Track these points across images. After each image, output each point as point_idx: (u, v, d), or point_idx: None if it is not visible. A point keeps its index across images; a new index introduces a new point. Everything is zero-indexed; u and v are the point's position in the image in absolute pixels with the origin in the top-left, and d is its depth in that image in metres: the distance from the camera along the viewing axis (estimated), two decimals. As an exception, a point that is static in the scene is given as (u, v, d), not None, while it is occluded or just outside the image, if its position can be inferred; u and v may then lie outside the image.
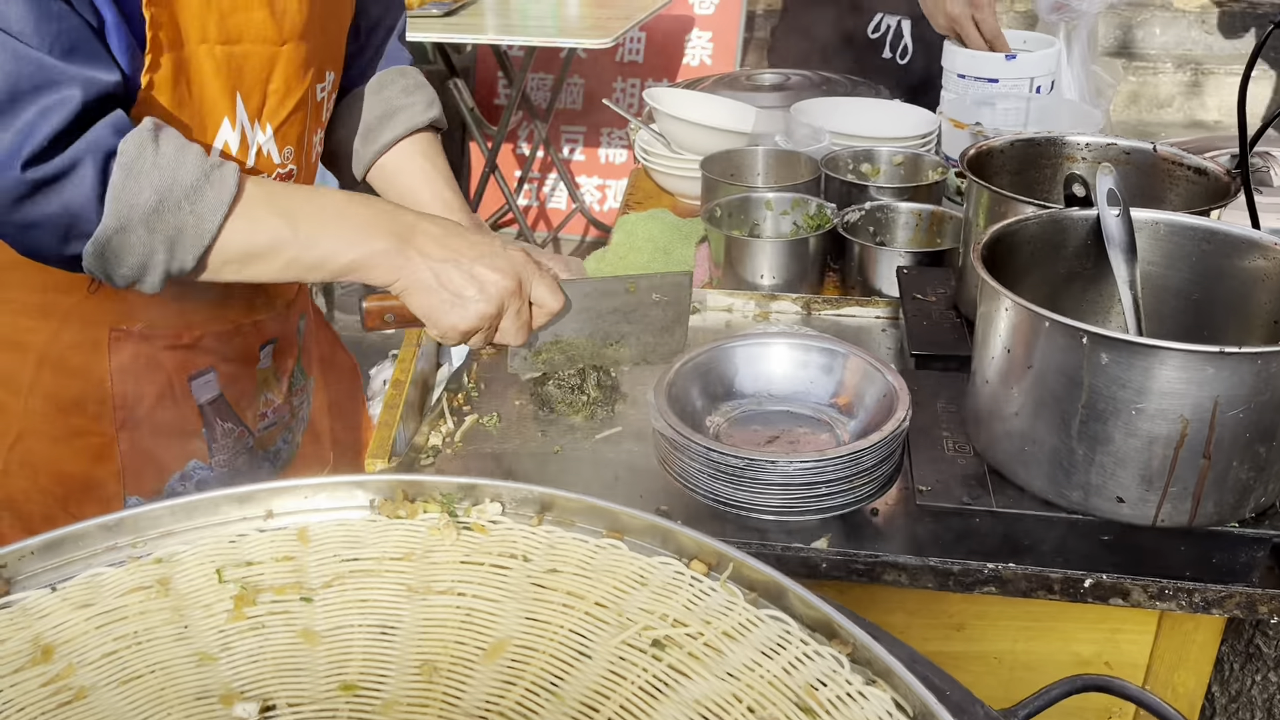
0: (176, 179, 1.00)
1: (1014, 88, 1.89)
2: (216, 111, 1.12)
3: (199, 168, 1.01)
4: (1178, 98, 5.24)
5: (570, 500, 0.83)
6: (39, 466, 1.22)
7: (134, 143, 0.99)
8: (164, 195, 0.99)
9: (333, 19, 1.25)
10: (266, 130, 1.18)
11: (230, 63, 1.11)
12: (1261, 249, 1.04)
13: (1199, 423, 0.88)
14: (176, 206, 1.00)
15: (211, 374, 1.27)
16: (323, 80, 1.25)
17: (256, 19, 1.11)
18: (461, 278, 1.08)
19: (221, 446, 1.29)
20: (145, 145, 0.99)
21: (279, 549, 0.80)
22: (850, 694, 0.67)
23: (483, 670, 0.70)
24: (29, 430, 1.21)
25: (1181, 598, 0.99)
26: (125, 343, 1.19)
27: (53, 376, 1.19)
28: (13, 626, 0.73)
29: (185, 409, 1.25)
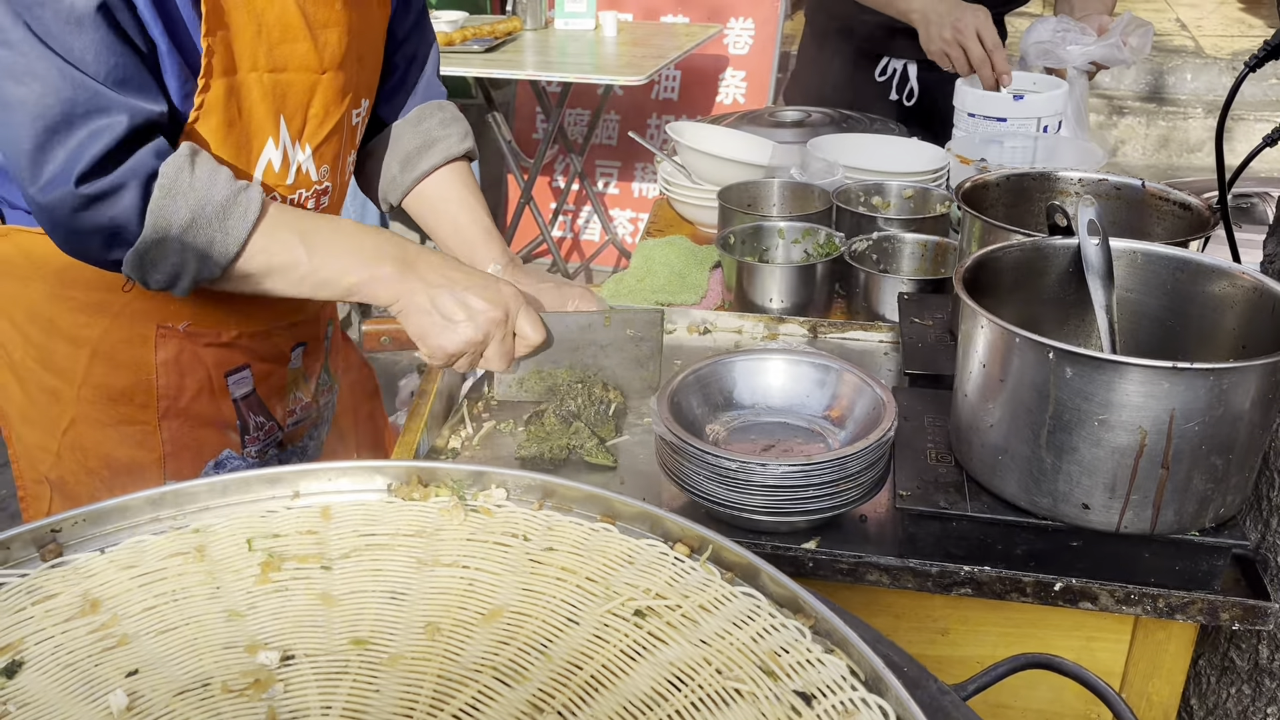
0: (209, 199, 1.12)
1: (1021, 127, 1.97)
2: (263, 132, 1.23)
3: (229, 190, 1.13)
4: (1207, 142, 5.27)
5: (569, 488, 0.91)
6: (89, 450, 1.32)
7: (173, 166, 1.11)
8: (197, 213, 1.12)
9: (369, 52, 1.36)
10: (306, 150, 1.29)
11: (276, 89, 1.22)
12: (1230, 277, 1.10)
13: (1157, 434, 0.94)
14: (208, 223, 1.12)
15: (246, 371, 1.37)
16: (358, 107, 1.36)
17: (301, 50, 1.23)
18: (453, 303, 1.19)
19: (253, 439, 1.39)
20: (183, 169, 1.12)
21: (303, 524, 0.89)
22: (809, 660, 0.74)
23: (481, 632, 0.78)
24: (81, 417, 1.31)
25: (1147, 603, 1.05)
26: (170, 339, 1.30)
27: (104, 368, 1.29)
28: (65, 583, 0.81)
29: (222, 402, 1.36)
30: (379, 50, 1.41)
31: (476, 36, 4.20)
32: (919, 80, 2.50)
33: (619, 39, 4.45)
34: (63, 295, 1.27)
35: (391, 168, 1.50)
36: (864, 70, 2.56)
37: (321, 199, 1.36)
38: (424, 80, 1.53)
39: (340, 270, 1.18)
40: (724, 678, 0.72)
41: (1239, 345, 1.09)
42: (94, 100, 1.07)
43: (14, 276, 1.29)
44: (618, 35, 4.48)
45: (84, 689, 0.72)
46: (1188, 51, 5.76)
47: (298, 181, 1.30)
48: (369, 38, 1.35)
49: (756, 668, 0.73)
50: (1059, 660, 0.79)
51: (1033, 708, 1.21)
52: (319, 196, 1.35)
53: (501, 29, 4.31)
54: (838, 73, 2.56)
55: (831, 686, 0.71)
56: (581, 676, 0.73)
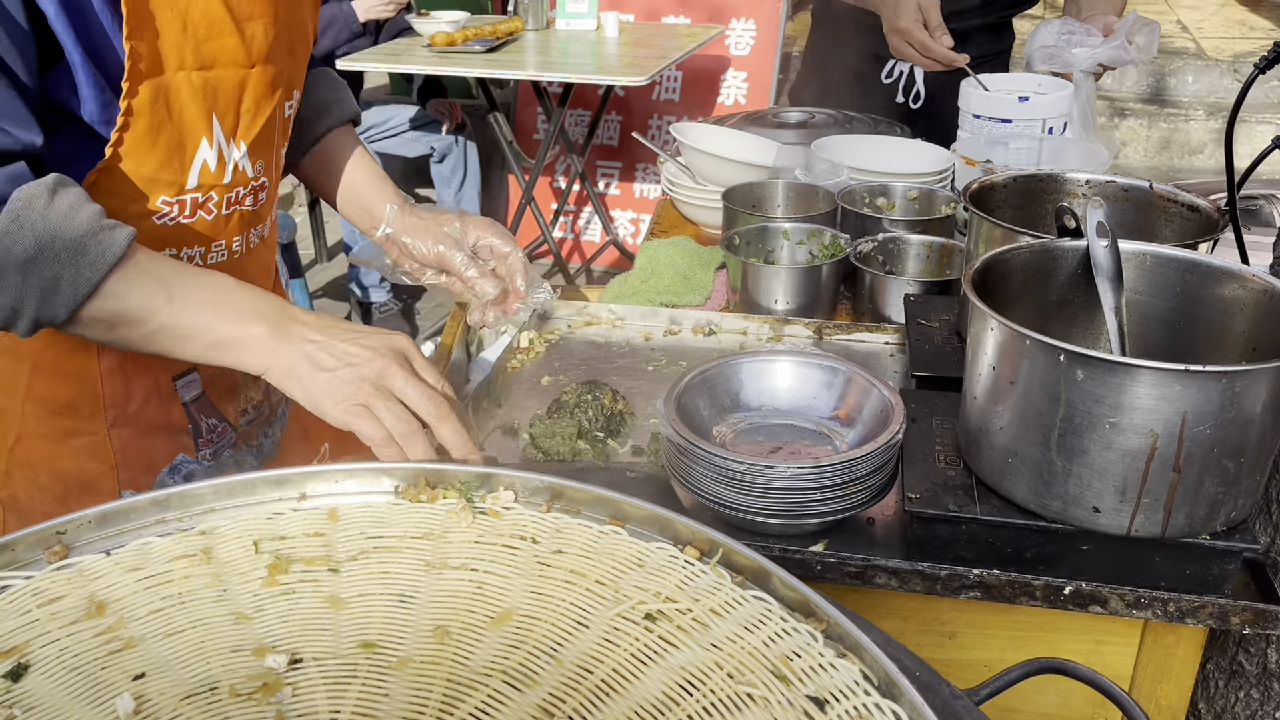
0: (61, 233, 1.03)
1: (1027, 128, 1.96)
2: (196, 132, 1.19)
3: (89, 226, 1.04)
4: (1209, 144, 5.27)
5: (578, 490, 0.90)
6: (38, 466, 1.27)
7: (26, 193, 1.03)
8: (45, 246, 1.02)
9: (299, 43, 1.33)
10: (241, 147, 1.25)
11: (206, 87, 1.18)
12: (1240, 280, 1.10)
13: (1168, 437, 0.94)
14: (55, 258, 1.03)
15: (194, 374, 1.33)
16: (290, 99, 1.34)
17: (229, 45, 1.18)
18: (332, 356, 1.08)
19: (206, 441, 1.35)
20: (37, 197, 1.03)
21: (310, 526, 0.88)
22: (822, 665, 0.73)
23: (490, 635, 0.77)
24: (27, 432, 1.26)
25: (1157, 606, 1.04)
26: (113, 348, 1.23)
27: (47, 381, 1.24)
28: (70, 585, 0.81)
29: (171, 407, 1.31)
30: (309, 41, 1.38)
31: (478, 37, 4.19)
32: (925, 83, 2.50)
33: (620, 39, 4.45)
34: None
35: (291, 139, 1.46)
36: (870, 72, 2.55)
37: (259, 194, 1.32)
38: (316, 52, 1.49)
39: (202, 326, 1.08)
40: (736, 682, 0.72)
41: (1249, 348, 1.09)
42: None
43: None
44: (619, 36, 4.48)
45: (90, 692, 0.72)
46: (1189, 54, 5.76)
47: (235, 179, 1.25)
48: (297, 28, 1.31)
49: (768, 672, 0.72)
50: (1073, 665, 0.78)
51: (1040, 711, 1.20)
52: (256, 193, 1.31)
53: (503, 29, 4.30)
54: (844, 74, 2.56)
55: (844, 691, 0.71)
56: (592, 681, 0.73)
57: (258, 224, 1.35)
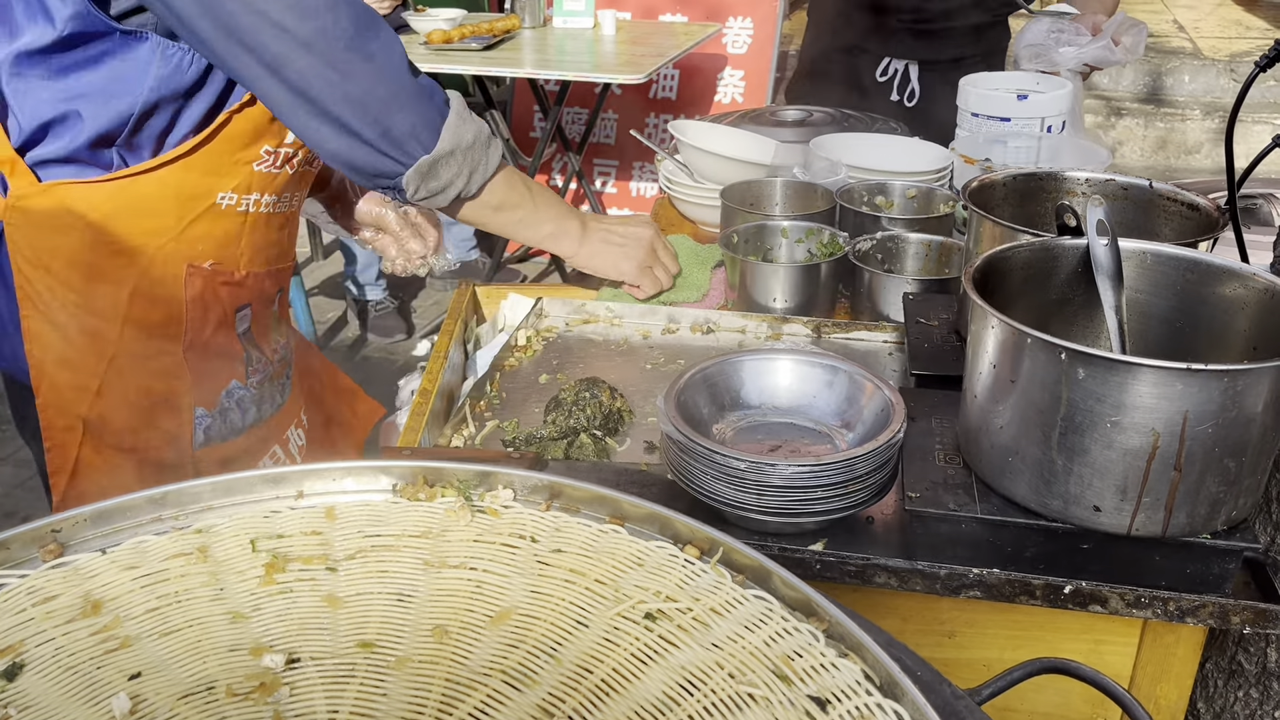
0: (481, 129, 1.39)
1: (1025, 126, 1.96)
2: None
3: (484, 129, 1.41)
4: (1205, 144, 5.27)
5: (577, 489, 0.89)
6: (129, 383, 1.41)
7: (457, 100, 1.38)
8: (477, 136, 1.38)
9: None
10: None
11: None
12: (1241, 278, 1.09)
13: (1169, 436, 0.93)
14: (482, 147, 1.39)
15: (248, 309, 1.50)
16: None
17: None
18: (619, 238, 1.65)
19: (254, 370, 1.53)
20: (457, 99, 1.38)
21: (308, 524, 0.87)
22: (823, 664, 0.73)
23: (489, 635, 0.77)
24: (121, 352, 1.40)
25: (1158, 606, 1.04)
26: (196, 277, 1.41)
27: (142, 305, 1.39)
28: (66, 584, 0.80)
29: (231, 336, 1.48)
30: None
31: (475, 34, 4.18)
32: (920, 81, 2.50)
33: (617, 38, 4.44)
34: (103, 242, 1.34)
35: None
36: (865, 70, 2.55)
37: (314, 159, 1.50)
38: None
39: (546, 218, 1.54)
40: (737, 682, 0.71)
41: (1250, 347, 1.09)
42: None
43: (54, 229, 1.35)
44: (616, 34, 4.47)
45: (86, 692, 0.71)
46: (1185, 53, 5.76)
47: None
48: None
49: (770, 672, 0.72)
50: (1076, 665, 0.78)
51: (1039, 711, 1.20)
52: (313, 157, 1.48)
53: (500, 27, 4.29)
54: (839, 73, 2.56)
55: (846, 691, 0.70)
56: (592, 680, 0.72)
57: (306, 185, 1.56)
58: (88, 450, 1.41)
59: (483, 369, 1.58)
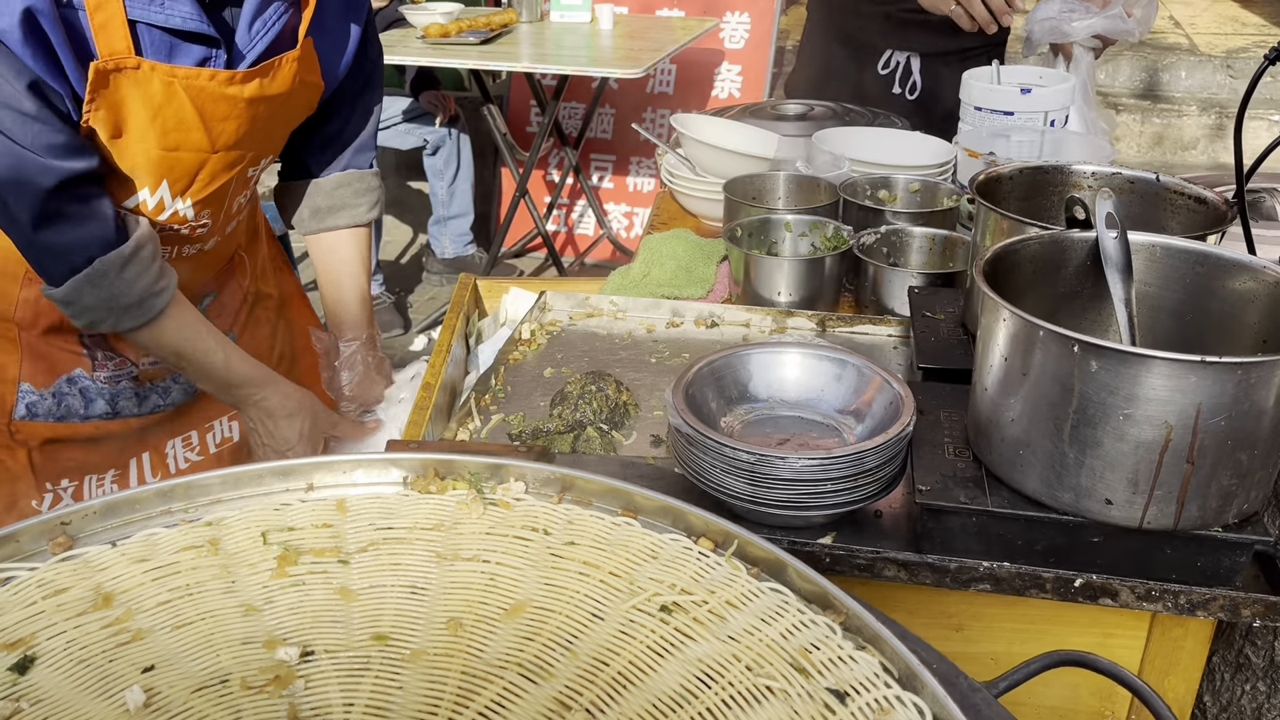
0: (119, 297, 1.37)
1: (1029, 121, 1.96)
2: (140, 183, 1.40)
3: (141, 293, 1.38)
4: (1202, 140, 5.28)
5: (589, 481, 0.89)
6: None
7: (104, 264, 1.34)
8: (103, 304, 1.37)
9: (279, 128, 1.54)
10: (187, 201, 1.47)
11: (164, 161, 1.39)
12: (1251, 272, 1.09)
13: (1182, 429, 0.93)
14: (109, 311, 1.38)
15: None
16: (255, 165, 1.55)
17: (193, 138, 1.39)
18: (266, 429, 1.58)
19: (103, 365, 1.59)
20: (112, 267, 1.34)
21: (319, 517, 0.87)
22: (841, 657, 0.72)
23: (504, 627, 0.76)
24: None
25: (1168, 599, 1.04)
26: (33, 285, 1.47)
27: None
28: (76, 577, 0.80)
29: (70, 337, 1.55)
30: (294, 123, 1.57)
31: (472, 28, 4.17)
32: (922, 73, 2.50)
33: (615, 32, 4.43)
34: None
35: (303, 214, 1.71)
36: (867, 63, 2.55)
37: (197, 230, 1.53)
38: (355, 147, 1.70)
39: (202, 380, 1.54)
40: (755, 675, 0.71)
41: (1260, 340, 1.08)
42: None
43: None
44: (613, 28, 4.46)
45: (99, 685, 0.71)
46: (1182, 49, 5.76)
47: (172, 219, 1.47)
48: (281, 118, 1.51)
49: (787, 665, 0.72)
50: (1094, 658, 0.78)
51: (1047, 704, 1.20)
52: (193, 229, 1.52)
53: (497, 21, 4.28)
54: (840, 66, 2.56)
55: (865, 684, 0.70)
56: (608, 673, 0.72)
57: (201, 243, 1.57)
58: None
59: (486, 363, 1.57)
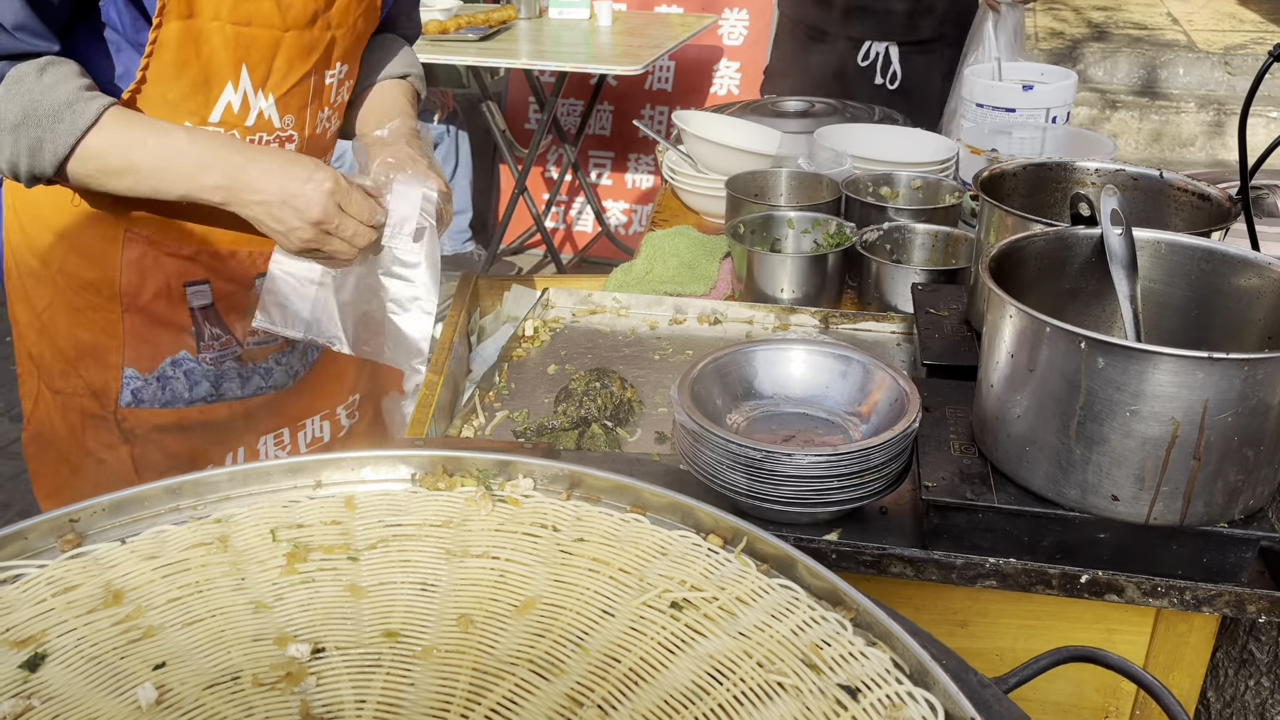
0: (42, 102, 1.21)
1: (1030, 117, 1.96)
2: (222, 76, 1.33)
3: (67, 97, 1.22)
4: (1200, 137, 5.28)
5: (597, 478, 0.89)
6: (60, 330, 1.44)
7: (20, 70, 1.22)
8: (29, 113, 1.21)
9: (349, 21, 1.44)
10: (269, 98, 1.38)
11: (239, 40, 1.31)
12: (1257, 268, 1.09)
13: (1189, 425, 0.93)
14: (37, 123, 1.21)
15: (205, 286, 1.48)
16: (331, 68, 1.45)
17: (264, 9, 1.31)
18: (272, 217, 1.30)
19: (208, 346, 1.50)
20: (28, 73, 1.21)
21: (327, 514, 0.87)
22: (852, 653, 0.72)
23: (514, 624, 0.76)
24: (56, 299, 1.44)
25: (1174, 595, 1.04)
26: (135, 242, 1.41)
27: (76, 259, 1.41)
28: (86, 574, 0.80)
29: (179, 308, 1.46)
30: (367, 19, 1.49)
31: (470, 25, 4.16)
32: (901, 62, 2.53)
33: (614, 29, 4.43)
34: (49, 191, 1.36)
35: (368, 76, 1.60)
36: (846, 56, 2.58)
37: (285, 145, 1.44)
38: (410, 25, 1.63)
39: (169, 181, 1.28)
40: (766, 671, 0.71)
41: (1265, 336, 1.09)
42: None
43: None
44: (612, 25, 4.45)
45: (110, 682, 0.70)
46: (1180, 46, 5.76)
47: (258, 125, 1.38)
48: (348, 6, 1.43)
49: (799, 661, 0.72)
50: (1103, 654, 0.78)
51: (1052, 700, 1.20)
52: (281, 142, 1.43)
53: (496, 18, 4.28)
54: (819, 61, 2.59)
55: (876, 680, 0.70)
56: (620, 669, 0.72)
57: None
58: (42, 384, 1.47)
59: (489, 360, 1.57)
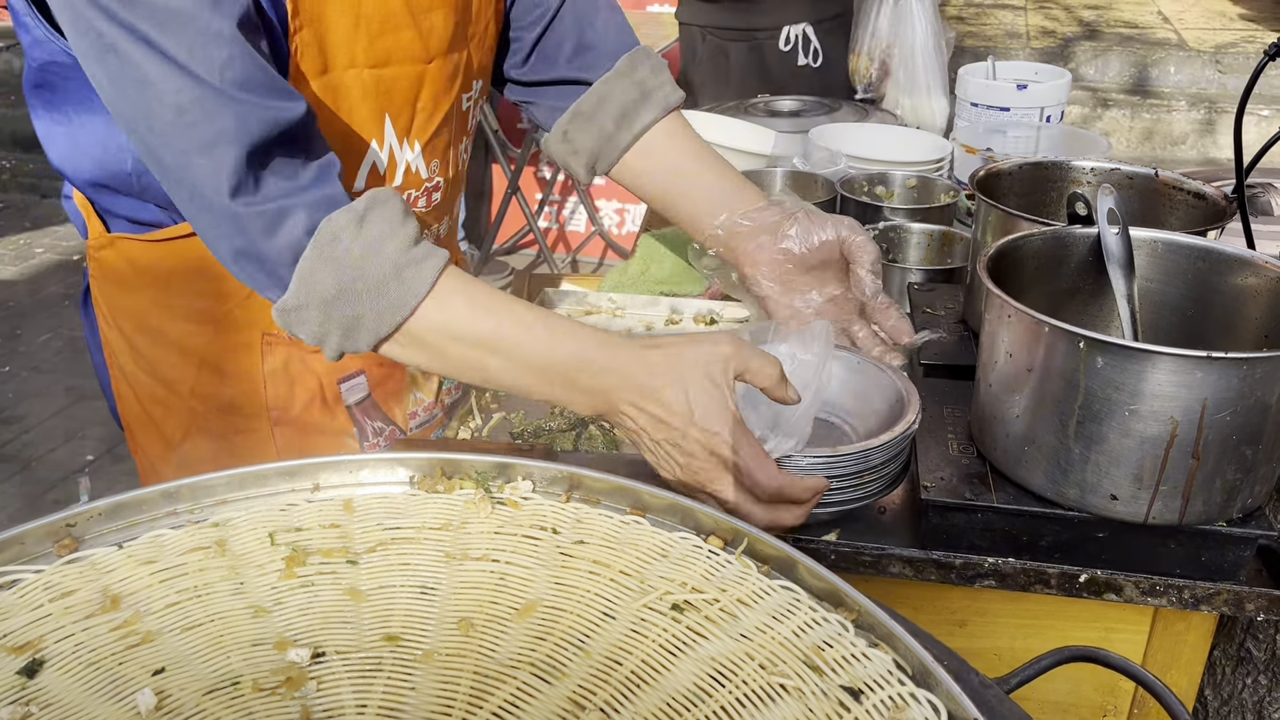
0: (363, 273, 0.95)
1: (1024, 116, 1.96)
2: (365, 134, 1.13)
3: (393, 262, 0.96)
4: (1191, 135, 5.30)
5: (597, 480, 0.89)
6: (205, 461, 1.25)
7: (334, 225, 0.96)
8: (345, 287, 0.95)
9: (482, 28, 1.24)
10: (415, 148, 1.18)
11: (379, 86, 1.11)
12: (1253, 267, 1.10)
13: (1188, 424, 0.93)
14: (357, 298, 0.96)
15: (361, 377, 1.28)
16: (469, 90, 1.25)
17: (405, 40, 1.10)
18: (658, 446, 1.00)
19: (373, 445, 1.30)
20: (344, 230, 0.95)
21: (326, 517, 0.87)
22: (855, 655, 0.72)
23: (515, 627, 0.76)
24: (195, 428, 1.26)
25: (1172, 594, 1.04)
26: (276, 347, 1.22)
27: (212, 378, 1.23)
28: (83, 579, 0.79)
29: (336, 410, 1.27)
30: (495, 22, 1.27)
31: (463, 25, 4.15)
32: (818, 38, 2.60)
33: (606, 28, 4.41)
34: (168, 304, 1.21)
35: (606, 126, 1.30)
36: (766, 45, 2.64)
37: (433, 195, 1.25)
38: (616, 26, 1.34)
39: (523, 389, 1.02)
40: (768, 673, 0.71)
41: (1262, 335, 1.09)
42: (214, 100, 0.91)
43: (121, 286, 1.22)
44: (605, 24, 4.44)
45: (109, 688, 0.70)
46: (1171, 44, 5.79)
47: (406, 183, 1.19)
48: (482, 11, 1.22)
49: (801, 662, 0.72)
50: (1105, 653, 0.78)
51: (1050, 699, 1.20)
52: (429, 194, 1.24)
53: (488, 17, 4.26)
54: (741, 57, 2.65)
55: (879, 681, 0.70)
56: (622, 672, 0.72)
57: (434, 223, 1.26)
58: None
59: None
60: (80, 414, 3.73)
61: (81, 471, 3.43)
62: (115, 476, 3.38)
